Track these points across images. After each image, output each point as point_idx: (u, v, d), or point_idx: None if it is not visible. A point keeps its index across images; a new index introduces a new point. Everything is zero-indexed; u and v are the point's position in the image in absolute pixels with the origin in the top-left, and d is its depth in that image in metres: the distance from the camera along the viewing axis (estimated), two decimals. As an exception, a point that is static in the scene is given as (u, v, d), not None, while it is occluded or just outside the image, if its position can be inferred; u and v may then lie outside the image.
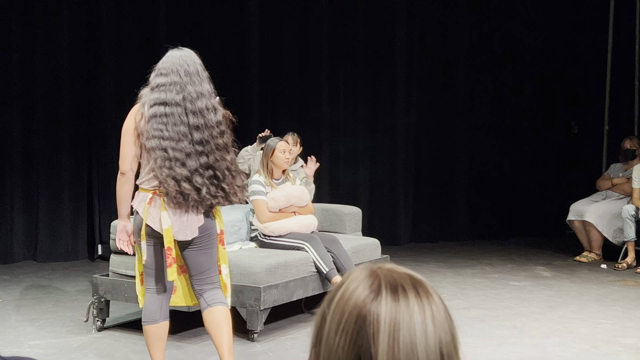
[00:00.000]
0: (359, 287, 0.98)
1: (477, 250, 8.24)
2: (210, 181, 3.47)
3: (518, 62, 9.15)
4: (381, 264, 1.03)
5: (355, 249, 5.46)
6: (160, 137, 3.43)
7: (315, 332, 1.00)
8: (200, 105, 3.48)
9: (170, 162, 3.43)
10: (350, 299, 0.97)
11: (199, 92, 3.49)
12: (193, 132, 3.45)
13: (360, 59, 8.49)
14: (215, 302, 3.62)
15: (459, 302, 5.76)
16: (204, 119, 3.47)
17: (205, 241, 3.59)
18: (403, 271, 1.01)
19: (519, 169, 9.23)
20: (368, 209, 8.27)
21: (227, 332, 3.59)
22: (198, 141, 3.45)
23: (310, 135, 7.93)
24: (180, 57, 3.53)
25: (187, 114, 3.46)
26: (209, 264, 3.64)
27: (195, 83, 3.49)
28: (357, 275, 1.00)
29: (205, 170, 3.47)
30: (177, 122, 3.44)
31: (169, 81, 3.48)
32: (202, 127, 3.46)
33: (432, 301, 0.98)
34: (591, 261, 7.59)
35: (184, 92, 3.47)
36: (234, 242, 5.26)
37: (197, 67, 3.53)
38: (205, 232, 3.57)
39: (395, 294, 0.96)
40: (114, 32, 7.26)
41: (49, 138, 7.13)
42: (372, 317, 0.94)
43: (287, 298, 4.85)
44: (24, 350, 4.37)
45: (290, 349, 4.52)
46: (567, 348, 4.59)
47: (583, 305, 5.70)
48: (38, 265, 7.00)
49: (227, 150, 3.54)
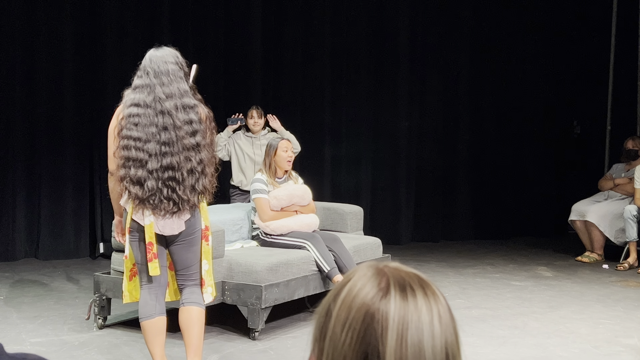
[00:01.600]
0: (367, 285, 0.98)
1: (478, 250, 8.23)
2: (167, 183, 3.49)
3: (520, 62, 9.13)
4: (387, 263, 1.03)
5: (357, 248, 5.45)
6: (129, 138, 3.51)
7: (319, 327, 0.99)
8: (169, 105, 3.49)
9: (129, 163, 3.50)
10: (358, 296, 0.97)
11: (167, 93, 3.51)
12: (161, 133, 3.49)
13: (363, 60, 8.47)
14: (190, 302, 3.67)
15: (461, 301, 5.76)
16: (172, 119, 3.49)
17: (190, 237, 3.64)
18: (410, 271, 1.02)
19: (521, 168, 9.22)
20: (370, 208, 8.27)
21: (196, 333, 3.64)
22: (164, 142, 3.49)
23: (312, 135, 7.94)
24: (153, 58, 3.57)
25: (157, 114, 3.50)
26: (192, 260, 3.69)
27: (165, 84, 3.51)
28: (364, 273, 1.00)
29: (164, 172, 3.49)
30: (147, 124, 3.50)
31: (142, 83, 3.55)
32: (170, 127, 3.49)
33: (439, 302, 0.99)
34: (593, 261, 7.58)
35: (154, 93, 3.51)
36: (236, 241, 5.27)
37: (169, 67, 3.54)
38: (192, 228, 3.62)
39: (404, 293, 0.96)
40: (116, 32, 7.25)
41: (51, 136, 7.14)
42: (381, 315, 0.94)
43: (289, 297, 4.85)
44: (25, 347, 4.37)
45: (292, 347, 4.52)
46: (568, 348, 4.60)
47: (584, 306, 5.70)
48: (40, 262, 7.00)
49: (199, 149, 3.52)
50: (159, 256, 3.66)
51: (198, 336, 3.66)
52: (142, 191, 3.51)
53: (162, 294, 3.72)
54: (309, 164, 7.75)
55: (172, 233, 3.59)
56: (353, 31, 8.41)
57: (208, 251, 3.75)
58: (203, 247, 3.72)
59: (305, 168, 7.49)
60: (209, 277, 3.77)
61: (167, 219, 3.55)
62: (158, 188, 3.50)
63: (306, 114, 8.23)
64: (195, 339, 3.65)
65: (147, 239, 3.59)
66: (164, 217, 3.55)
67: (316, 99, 8.30)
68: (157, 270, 3.63)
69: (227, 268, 4.76)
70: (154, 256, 3.61)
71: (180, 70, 3.57)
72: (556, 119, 9.35)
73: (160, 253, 3.67)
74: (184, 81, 3.57)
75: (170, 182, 3.50)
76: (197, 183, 3.54)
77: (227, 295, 4.71)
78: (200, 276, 3.74)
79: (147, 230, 3.58)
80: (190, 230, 3.63)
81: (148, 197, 3.51)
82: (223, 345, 4.52)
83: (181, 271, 3.71)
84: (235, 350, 4.44)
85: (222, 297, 4.72)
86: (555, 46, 9.26)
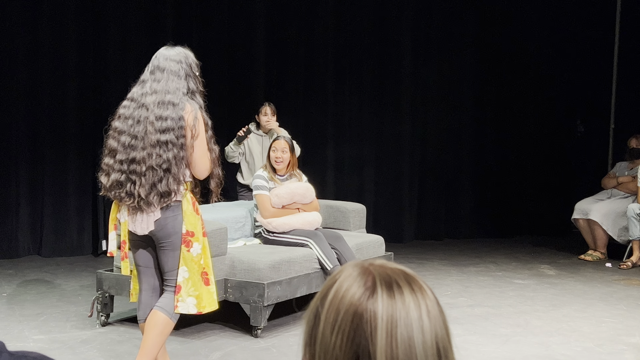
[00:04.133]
0: (353, 285, 0.97)
1: (481, 248, 8.22)
2: (130, 177, 3.46)
3: (524, 61, 9.11)
4: (372, 261, 1.02)
5: (359, 246, 5.44)
6: (112, 128, 3.56)
7: (309, 331, 0.99)
8: (150, 100, 3.48)
9: (106, 151, 3.55)
10: (345, 297, 0.96)
11: (154, 88, 3.49)
12: (135, 126, 3.49)
13: (366, 59, 8.45)
14: (158, 306, 3.58)
15: (463, 300, 5.75)
16: (147, 113, 3.46)
17: (168, 240, 3.52)
18: (395, 267, 1.01)
19: (524, 167, 9.20)
20: (372, 206, 8.26)
21: (150, 337, 3.55)
22: (134, 135, 3.48)
23: (316, 134, 7.93)
24: (159, 55, 3.58)
25: (138, 108, 3.51)
26: (171, 265, 3.56)
27: (157, 79, 3.51)
28: (349, 273, 0.99)
29: (129, 165, 3.47)
30: (128, 116, 3.52)
31: (142, 78, 3.59)
32: (143, 121, 3.46)
33: (427, 296, 0.98)
34: (596, 260, 7.56)
35: (144, 88, 3.53)
36: (238, 239, 5.26)
37: (169, 64, 3.52)
38: (167, 230, 3.49)
39: (390, 291, 0.96)
40: (120, 26, 7.24)
41: (55, 133, 7.14)
42: (369, 314, 0.94)
43: (291, 294, 4.85)
44: (28, 344, 4.37)
45: (294, 345, 4.51)
46: (570, 347, 4.59)
47: (587, 304, 5.69)
48: (43, 260, 7.00)
49: (167, 148, 3.43)
50: (148, 259, 3.64)
51: (152, 342, 3.55)
52: (107, 181, 3.53)
53: (156, 297, 3.66)
54: (311, 161, 7.74)
55: (142, 232, 3.52)
56: (356, 31, 8.40)
57: (189, 258, 3.55)
58: (182, 252, 3.54)
59: (308, 166, 7.48)
60: (189, 286, 3.55)
61: (137, 217, 3.49)
62: (121, 181, 3.48)
63: (309, 111, 8.21)
64: (148, 343, 3.55)
65: (122, 236, 3.60)
66: (134, 215, 3.50)
67: (319, 97, 8.28)
68: (128, 270, 3.66)
69: (229, 266, 4.76)
70: (125, 255, 3.63)
71: (182, 70, 3.53)
72: (559, 118, 9.33)
73: (146, 255, 3.64)
74: (180, 79, 3.51)
75: (132, 176, 3.46)
76: (159, 183, 3.42)
77: (230, 292, 4.71)
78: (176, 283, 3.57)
79: (123, 228, 3.59)
80: (165, 232, 3.50)
81: (110, 188, 3.51)
82: (225, 343, 4.52)
83: (163, 275, 3.63)
84: (238, 347, 4.44)
85: (225, 294, 4.72)
86: (558, 44, 9.24)
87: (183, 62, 3.54)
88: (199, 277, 3.57)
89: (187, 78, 3.54)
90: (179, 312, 3.57)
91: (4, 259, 6.87)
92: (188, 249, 3.55)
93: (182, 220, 3.52)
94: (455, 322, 4.91)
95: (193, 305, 3.58)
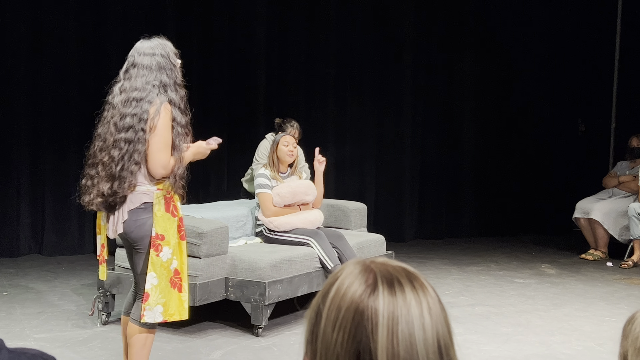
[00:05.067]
0: (354, 282, 0.97)
1: (482, 248, 8.21)
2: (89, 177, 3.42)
3: (525, 59, 9.10)
4: (373, 258, 1.03)
5: (360, 245, 5.44)
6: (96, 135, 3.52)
7: (310, 328, 0.99)
8: (118, 100, 3.40)
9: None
10: (346, 295, 0.96)
11: (124, 87, 3.41)
12: (101, 127, 3.46)
13: (367, 58, 8.44)
14: (132, 317, 3.49)
15: (464, 299, 5.74)
16: (113, 112, 3.39)
17: (137, 243, 3.37)
18: (397, 264, 1.01)
19: (525, 166, 9.19)
20: (373, 205, 8.25)
21: (134, 353, 3.46)
22: (98, 134, 3.46)
23: (316, 133, 7.92)
24: (133, 50, 3.49)
25: (108, 109, 3.45)
26: (137, 269, 3.44)
27: (129, 77, 3.42)
28: (351, 270, 0.99)
29: (92, 168, 3.43)
30: (102, 118, 3.49)
31: (118, 77, 3.50)
32: (109, 121, 3.40)
33: (428, 294, 0.98)
34: (597, 259, 7.56)
35: (116, 88, 3.46)
36: (239, 237, 5.26)
37: (141, 59, 3.41)
38: (131, 231, 3.35)
39: (391, 288, 0.96)
40: (121, 27, 7.23)
41: (56, 131, 7.13)
42: (370, 312, 0.94)
43: (292, 293, 4.84)
44: (29, 343, 4.37)
45: (295, 344, 4.50)
46: (571, 346, 4.59)
47: (588, 303, 5.69)
48: (44, 258, 6.99)
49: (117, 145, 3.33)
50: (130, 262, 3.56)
51: (135, 352, 3.46)
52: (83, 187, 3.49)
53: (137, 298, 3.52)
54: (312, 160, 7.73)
55: (112, 236, 3.45)
56: (358, 30, 8.38)
57: (158, 263, 3.34)
58: (151, 257, 3.33)
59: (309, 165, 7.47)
60: (157, 294, 3.35)
61: (110, 221, 3.41)
62: (85, 184, 3.44)
63: (310, 111, 8.20)
64: (131, 355, 3.48)
65: (101, 240, 3.55)
66: (111, 217, 3.41)
67: (320, 96, 8.27)
68: (104, 275, 3.62)
69: (230, 264, 4.75)
70: (103, 260, 3.58)
71: (155, 62, 3.39)
72: (561, 117, 9.32)
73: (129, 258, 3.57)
74: (150, 73, 3.38)
75: (92, 173, 3.42)
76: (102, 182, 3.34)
77: (231, 291, 4.71)
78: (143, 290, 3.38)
79: (102, 232, 3.53)
80: (135, 235, 3.35)
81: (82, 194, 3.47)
82: (226, 342, 4.52)
83: (135, 279, 3.52)
84: (239, 346, 4.43)
85: (226, 293, 4.72)
86: (559, 44, 9.23)
87: (157, 55, 3.40)
88: (168, 282, 3.38)
89: (161, 70, 3.39)
90: (146, 321, 3.37)
91: (5, 258, 6.86)
92: (157, 253, 3.34)
93: (151, 222, 3.34)
94: (456, 321, 4.90)
95: (159, 313, 3.37)
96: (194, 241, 4.53)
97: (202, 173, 7.71)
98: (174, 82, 3.41)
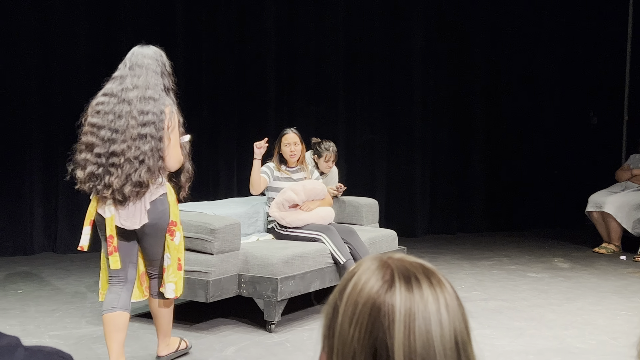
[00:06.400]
0: (371, 278, 0.97)
1: (494, 242, 8.19)
2: (109, 170, 3.53)
3: (537, 52, 9.06)
4: (390, 254, 1.03)
5: (372, 240, 5.43)
6: (89, 124, 3.64)
7: (327, 324, 0.99)
8: (132, 95, 3.58)
9: (82, 147, 3.62)
10: (363, 290, 0.96)
11: (135, 84, 3.61)
12: (115, 120, 3.58)
13: (377, 53, 8.41)
14: (153, 294, 3.86)
15: (477, 293, 5.73)
16: (130, 107, 3.56)
17: (155, 230, 3.66)
18: (414, 260, 1.01)
19: (537, 159, 9.16)
20: (385, 201, 8.23)
21: (161, 321, 3.92)
22: (115, 129, 3.57)
23: (327, 128, 7.91)
24: (135, 52, 3.72)
25: (119, 103, 3.60)
26: (156, 254, 3.75)
27: (137, 75, 3.63)
28: (368, 266, 1.00)
29: (109, 158, 3.54)
30: (108, 111, 3.60)
31: (118, 74, 3.69)
32: (125, 115, 3.56)
33: (445, 290, 0.98)
34: (610, 252, 7.52)
35: (124, 83, 3.63)
36: (251, 234, 5.26)
37: (147, 61, 3.66)
38: (156, 221, 3.63)
39: (409, 284, 0.96)
40: (130, 29, 7.23)
41: (68, 128, 7.14)
42: (387, 308, 0.94)
43: (304, 289, 4.84)
44: (44, 340, 4.38)
45: (308, 340, 4.51)
46: (585, 340, 4.56)
47: (601, 297, 5.66)
48: (57, 256, 7.01)
49: (145, 140, 3.53)
50: (129, 252, 3.73)
51: (163, 323, 3.92)
52: (82, 174, 3.60)
53: (127, 289, 3.76)
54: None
55: (132, 227, 3.61)
56: (367, 26, 8.35)
57: (173, 247, 3.73)
58: (167, 240, 3.72)
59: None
60: (170, 274, 3.75)
61: (126, 212, 3.57)
62: (98, 174, 3.55)
63: (320, 106, 8.19)
64: (161, 326, 3.93)
65: (108, 231, 3.65)
66: (121, 209, 3.57)
67: (330, 91, 8.26)
68: (118, 263, 3.68)
69: (242, 261, 4.74)
70: (115, 249, 3.67)
71: (158, 66, 3.69)
72: (572, 110, 9.27)
73: (127, 248, 3.72)
74: (158, 76, 3.67)
75: (111, 169, 3.54)
76: (134, 173, 3.52)
77: (243, 287, 4.70)
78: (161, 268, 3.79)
79: (108, 223, 3.64)
80: (158, 224, 3.65)
81: (85, 180, 3.59)
82: (239, 338, 4.51)
83: (147, 264, 3.82)
84: (252, 342, 4.44)
85: (238, 289, 4.72)
86: (571, 36, 9.17)
87: (159, 61, 3.71)
88: (177, 264, 3.77)
89: (163, 76, 3.70)
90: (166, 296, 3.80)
91: (18, 256, 6.89)
92: (172, 237, 3.72)
93: (168, 210, 3.67)
94: (469, 316, 4.88)
95: (172, 290, 3.77)
96: (206, 238, 4.53)
97: (212, 170, 7.72)
98: (171, 87, 3.74)
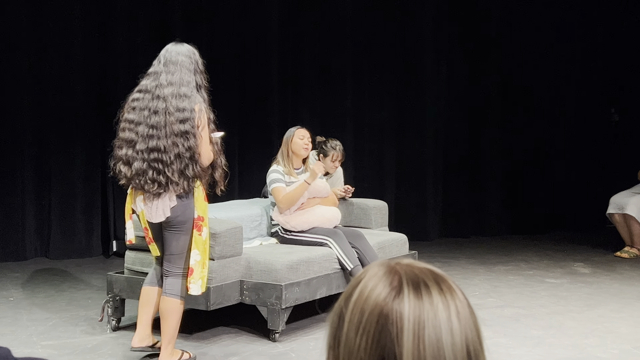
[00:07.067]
0: (378, 285, 0.96)
1: (511, 246, 8.10)
2: (152, 165, 3.75)
3: (556, 49, 9.01)
4: (398, 260, 1.01)
5: (381, 244, 5.37)
6: (125, 120, 3.86)
7: (333, 333, 0.98)
8: (167, 92, 3.78)
9: (122, 143, 3.84)
10: (370, 298, 0.95)
11: (170, 80, 3.81)
12: (152, 116, 3.78)
13: (386, 52, 8.34)
14: (169, 293, 3.93)
15: (492, 300, 5.69)
16: (165, 104, 3.76)
17: (181, 225, 3.86)
18: (423, 266, 0.99)
19: (556, 159, 9.08)
20: (395, 203, 8.15)
21: (169, 324, 3.93)
22: (153, 125, 3.76)
23: (334, 128, 7.79)
24: (170, 48, 3.92)
25: (153, 99, 3.80)
26: (178, 249, 3.91)
27: (171, 72, 3.84)
28: (375, 272, 0.98)
29: (150, 153, 3.75)
30: (143, 107, 3.81)
31: (152, 70, 3.91)
32: (162, 111, 3.76)
33: (456, 297, 0.97)
34: (632, 257, 7.40)
35: (158, 80, 3.83)
36: (254, 238, 5.22)
37: (180, 58, 3.86)
38: (182, 216, 3.84)
39: (417, 291, 0.95)
40: (127, 25, 7.19)
41: (61, 131, 7.12)
42: (395, 315, 0.93)
43: (310, 296, 4.79)
44: (37, 350, 4.36)
45: (313, 349, 4.45)
46: (607, 349, 4.49)
47: (624, 304, 5.61)
48: (51, 262, 6.98)
49: (187, 137, 3.74)
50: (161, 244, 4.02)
51: (170, 327, 3.93)
52: (130, 171, 3.80)
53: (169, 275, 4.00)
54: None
55: (157, 220, 3.83)
56: (376, 22, 8.29)
57: (200, 241, 3.91)
58: (194, 236, 3.90)
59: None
60: (200, 269, 3.92)
61: (152, 206, 3.80)
62: (143, 169, 3.76)
63: (327, 105, 8.12)
64: (167, 330, 3.93)
65: (142, 224, 3.97)
66: (151, 203, 3.80)
67: (337, 92, 8.21)
68: (157, 251, 3.99)
69: (245, 266, 4.70)
70: (151, 240, 3.99)
71: (192, 64, 3.88)
72: (593, 107, 9.15)
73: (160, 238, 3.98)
74: (190, 73, 3.86)
75: (155, 164, 3.74)
76: (186, 169, 3.74)
77: (246, 295, 4.67)
78: (188, 266, 3.92)
79: (141, 217, 3.94)
80: (180, 218, 3.84)
81: (134, 177, 3.79)
82: (242, 347, 4.48)
83: (167, 258, 3.94)
84: (255, 352, 4.38)
85: (241, 296, 4.68)
86: (592, 32, 9.10)
87: (192, 59, 3.90)
88: (206, 259, 3.97)
89: (196, 73, 3.90)
90: (192, 293, 3.93)
91: (10, 262, 6.86)
92: (200, 233, 3.91)
93: (194, 206, 3.87)
94: (484, 324, 4.64)
95: (199, 286, 3.94)
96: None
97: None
98: (203, 85, 3.96)
